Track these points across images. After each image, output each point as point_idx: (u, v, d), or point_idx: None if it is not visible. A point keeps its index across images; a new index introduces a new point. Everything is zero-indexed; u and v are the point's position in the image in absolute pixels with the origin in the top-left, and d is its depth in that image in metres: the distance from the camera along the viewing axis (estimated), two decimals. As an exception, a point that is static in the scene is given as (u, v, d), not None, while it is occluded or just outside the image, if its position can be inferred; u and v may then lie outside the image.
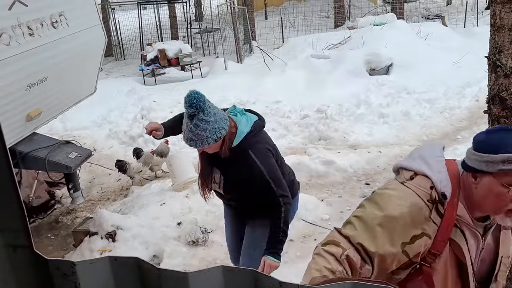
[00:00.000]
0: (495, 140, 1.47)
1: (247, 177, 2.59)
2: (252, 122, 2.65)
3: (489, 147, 1.47)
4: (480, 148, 1.49)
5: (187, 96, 2.41)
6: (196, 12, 19.16)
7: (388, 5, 16.59)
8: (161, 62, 11.27)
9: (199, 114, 2.38)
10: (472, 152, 1.51)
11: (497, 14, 2.52)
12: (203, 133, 2.40)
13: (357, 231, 1.54)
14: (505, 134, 1.48)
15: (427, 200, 1.52)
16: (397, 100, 7.91)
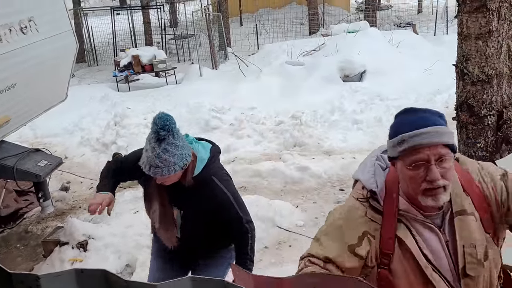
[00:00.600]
0: (394, 124, 1.50)
1: (214, 207, 2.37)
2: (209, 148, 2.48)
3: (391, 131, 1.50)
4: (389, 134, 1.53)
5: (159, 118, 2.18)
6: (171, 18, 19.06)
7: (361, 13, 16.87)
8: (135, 68, 11.15)
9: (169, 138, 2.16)
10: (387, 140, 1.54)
11: (464, 23, 2.59)
12: (171, 159, 2.16)
13: (310, 248, 1.60)
14: (404, 116, 1.49)
15: (360, 200, 1.55)
16: (371, 106, 8.03)
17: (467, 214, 1.48)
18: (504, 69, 2.62)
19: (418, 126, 1.40)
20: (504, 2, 2.48)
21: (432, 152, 1.39)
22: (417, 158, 1.41)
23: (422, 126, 1.40)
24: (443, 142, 1.40)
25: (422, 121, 1.41)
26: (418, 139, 1.40)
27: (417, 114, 1.45)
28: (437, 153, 1.39)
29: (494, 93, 2.62)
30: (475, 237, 1.48)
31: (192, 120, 8.02)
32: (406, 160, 1.43)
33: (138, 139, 7.28)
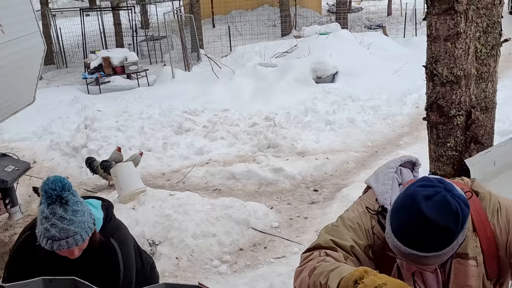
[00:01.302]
0: (397, 217, 1.32)
1: (103, 273, 2.02)
2: (99, 205, 2.12)
3: (393, 220, 1.34)
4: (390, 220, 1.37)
5: (51, 182, 1.82)
6: (142, 19, 18.83)
7: (333, 15, 17.06)
8: (106, 70, 10.97)
9: (67, 204, 1.83)
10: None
11: (433, 25, 2.63)
12: (73, 228, 1.83)
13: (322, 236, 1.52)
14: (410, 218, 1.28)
15: (369, 211, 1.51)
16: (343, 107, 8.11)
17: (468, 259, 1.42)
18: (472, 70, 2.68)
19: (408, 242, 1.27)
20: (471, 4, 2.53)
21: (427, 267, 1.35)
22: (412, 266, 1.37)
23: (422, 247, 1.26)
24: (420, 265, 1.34)
25: (416, 240, 1.26)
26: (400, 253, 1.32)
27: (420, 225, 1.25)
28: (432, 266, 1.35)
29: (462, 93, 2.68)
30: (470, 284, 1.44)
31: (164, 123, 7.93)
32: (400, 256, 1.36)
33: (110, 141, 7.16)
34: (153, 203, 4.97)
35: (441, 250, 1.26)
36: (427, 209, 1.23)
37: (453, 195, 1.26)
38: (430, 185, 1.28)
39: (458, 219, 1.24)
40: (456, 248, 1.31)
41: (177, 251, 4.36)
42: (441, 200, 1.24)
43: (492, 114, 3.02)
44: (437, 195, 1.25)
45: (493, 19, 2.86)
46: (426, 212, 1.23)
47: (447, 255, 1.29)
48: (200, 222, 4.66)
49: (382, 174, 1.58)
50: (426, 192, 1.26)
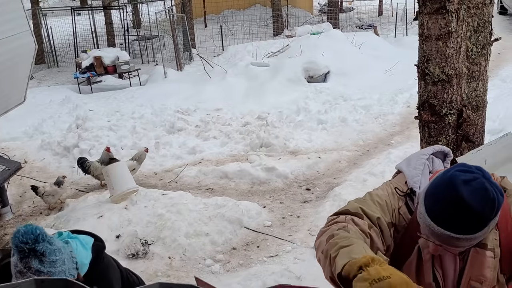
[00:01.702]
0: (435, 200, 1.36)
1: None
2: (90, 244, 1.96)
3: (429, 200, 1.38)
4: (426, 199, 1.42)
5: (22, 234, 1.62)
6: (134, 19, 18.74)
7: (324, 15, 17.09)
8: (97, 70, 10.89)
9: (42, 255, 1.63)
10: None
11: (425, 25, 2.65)
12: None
13: (351, 203, 1.56)
14: (449, 205, 1.31)
15: (398, 192, 1.55)
16: (335, 106, 8.14)
17: (486, 249, 1.44)
18: (463, 69, 2.71)
19: (445, 225, 1.31)
20: (462, 3, 2.56)
21: (456, 248, 1.39)
22: (441, 247, 1.40)
23: (449, 227, 1.31)
24: (469, 246, 1.38)
25: (455, 223, 1.30)
26: (434, 234, 1.35)
27: (460, 212, 1.28)
28: (461, 248, 1.39)
29: (454, 92, 2.70)
30: (484, 274, 1.46)
31: (157, 122, 7.91)
32: (423, 230, 1.41)
33: (102, 141, 7.12)
34: (146, 203, 4.95)
35: (474, 234, 1.30)
36: (466, 193, 1.26)
37: (491, 183, 1.30)
38: (469, 171, 1.32)
39: (494, 206, 1.28)
40: (485, 234, 1.35)
41: (170, 251, 4.36)
42: (480, 186, 1.28)
43: (483, 113, 3.05)
44: (476, 181, 1.28)
45: (483, 19, 2.89)
46: (465, 196, 1.26)
47: (478, 239, 1.34)
48: (192, 222, 4.66)
49: (414, 159, 1.62)
50: (465, 177, 1.30)
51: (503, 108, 6.89)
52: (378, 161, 5.90)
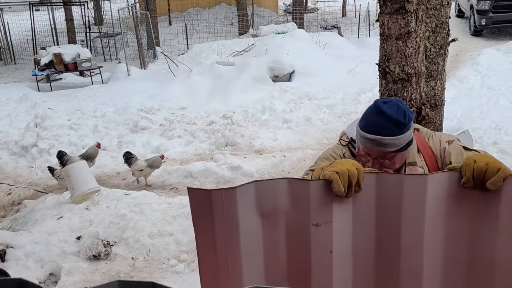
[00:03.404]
0: (365, 115, 1.80)
1: None
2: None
3: (362, 118, 1.81)
4: (360, 118, 1.85)
5: None
6: (96, 15, 18.31)
7: (289, 15, 17.23)
8: (57, 67, 10.58)
9: None
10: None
11: (385, 24, 2.71)
12: None
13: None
14: (372, 113, 1.75)
15: (342, 142, 1.94)
16: (299, 106, 8.21)
17: (417, 166, 1.80)
18: (422, 68, 2.78)
19: (372, 130, 1.71)
20: (421, 4, 2.62)
21: (373, 152, 1.73)
22: (363, 150, 1.76)
23: (373, 131, 1.71)
24: (381, 149, 1.72)
25: (376, 126, 1.71)
26: (366, 141, 1.73)
27: (378, 118, 1.71)
28: (377, 153, 1.73)
29: (413, 91, 2.77)
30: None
31: (120, 121, 7.76)
32: (360, 146, 1.78)
33: (62, 140, 6.92)
34: (108, 203, 4.84)
35: (396, 136, 1.68)
36: (385, 107, 1.71)
37: (404, 104, 1.76)
38: (388, 100, 1.77)
39: (406, 115, 1.70)
40: (406, 140, 1.72)
41: (133, 251, 4.28)
42: (394, 103, 1.74)
43: (441, 111, 3.15)
44: (392, 101, 1.76)
45: (441, 20, 2.98)
46: (383, 108, 1.71)
47: (400, 142, 1.70)
48: (156, 221, 4.59)
49: (352, 124, 1.97)
50: (384, 100, 1.78)
51: (461, 108, 7.14)
52: (342, 159, 5.99)
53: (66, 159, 5.82)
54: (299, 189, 1.44)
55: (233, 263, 1.45)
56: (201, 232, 1.46)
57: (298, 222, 1.45)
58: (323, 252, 1.46)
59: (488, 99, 7.32)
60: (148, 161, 5.79)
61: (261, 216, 1.45)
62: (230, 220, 1.42)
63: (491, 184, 1.37)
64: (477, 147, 5.63)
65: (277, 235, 1.46)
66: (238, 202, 1.42)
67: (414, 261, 1.44)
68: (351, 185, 1.43)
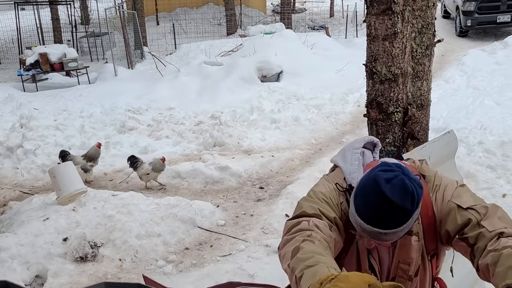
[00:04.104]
0: (360, 195, 1.46)
1: None
2: None
3: (356, 198, 1.47)
4: (354, 197, 1.51)
5: None
6: (82, 15, 18.14)
7: (277, 15, 17.24)
8: (43, 67, 10.46)
9: None
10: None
11: (372, 25, 2.73)
12: None
13: (306, 205, 1.59)
14: (371, 196, 1.42)
15: (339, 187, 1.63)
16: (288, 106, 8.23)
17: (411, 235, 1.57)
18: (408, 68, 2.80)
19: (371, 220, 1.41)
20: (407, 5, 2.65)
21: (385, 242, 1.49)
22: (372, 242, 1.51)
23: (374, 223, 1.40)
24: (397, 238, 1.47)
25: (378, 218, 1.40)
26: (362, 230, 1.45)
27: (381, 205, 1.38)
28: (390, 241, 1.48)
29: (400, 91, 2.79)
30: (411, 256, 1.60)
31: (107, 121, 7.70)
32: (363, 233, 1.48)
33: (48, 141, 6.85)
34: (95, 204, 4.80)
35: (398, 227, 1.40)
36: (388, 191, 1.37)
37: (410, 178, 1.41)
38: (390, 170, 1.43)
39: (414, 200, 1.39)
40: (411, 225, 1.45)
41: (121, 253, 4.25)
42: (399, 183, 1.38)
43: (427, 111, 3.18)
44: (396, 179, 1.39)
45: (427, 20, 3.01)
46: (387, 193, 1.37)
47: (403, 231, 1.44)
48: (144, 222, 4.57)
49: (349, 154, 1.71)
50: (386, 175, 1.40)
51: (446, 108, 7.22)
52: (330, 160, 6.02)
53: (69, 159, 5.81)
54: None
55: None
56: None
57: None
58: None
59: (473, 99, 7.41)
60: (151, 164, 5.68)
61: None
62: None
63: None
64: (462, 146, 5.70)
65: None
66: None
67: None
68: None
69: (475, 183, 5.08)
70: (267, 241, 4.40)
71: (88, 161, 5.86)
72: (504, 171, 5.25)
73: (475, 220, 1.49)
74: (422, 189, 1.43)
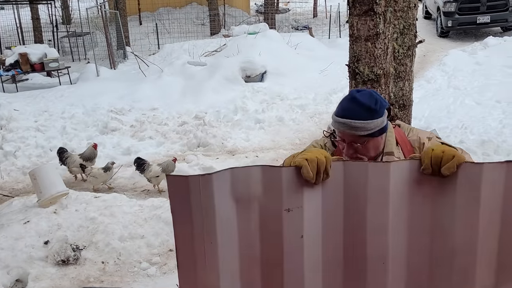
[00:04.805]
0: (340, 102, 1.83)
1: None
2: None
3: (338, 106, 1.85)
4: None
5: None
6: (63, 14, 17.91)
7: (261, 15, 17.26)
8: (23, 67, 10.29)
9: None
10: None
11: (355, 26, 2.74)
12: None
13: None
14: (345, 100, 1.80)
15: (325, 134, 1.96)
16: (272, 106, 8.23)
17: (394, 155, 1.83)
18: (390, 69, 2.82)
19: (343, 114, 1.75)
20: (389, 6, 2.67)
21: (347, 136, 1.76)
22: (339, 136, 1.81)
23: (344, 115, 1.74)
24: (353, 133, 1.74)
25: (347, 111, 1.74)
26: (338, 125, 1.78)
27: (350, 103, 1.75)
28: (350, 137, 1.76)
29: (382, 91, 2.81)
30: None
31: (89, 122, 7.61)
32: (336, 131, 1.83)
33: (28, 142, 6.74)
34: (77, 206, 4.73)
35: (366, 120, 1.71)
36: (358, 95, 1.76)
37: (378, 94, 1.80)
38: (362, 89, 1.83)
39: (377, 102, 1.74)
40: (378, 127, 1.74)
41: (103, 255, 4.20)
42: (367, 92, 1.80)
43: (409, 111, 3.21)
44: (366, 91, 1.80)
45: (409, 21, 3.04)
46: (356, 96, 1.76)
47: (371, 126, 1.72)
48: (127, 224, 4.51)
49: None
50: (359, 89, 1.83)
51: (428, 107, 7.31)
52: (314, 159, 6.03)
53: (66, 156, 5.77)
54: (272, 175, 1.50)
55: (209, 249, 1.52)
56: (179, 218, 1.52)
57: (271, 208, 1.51)
58: (295, 237, 1.52)
59: (454, 99, 7.51)
60: (161, 166, 5.58)
61: (236, 202, 1.51)
62: (206, 206, 1.49)
63: (445, 169, 1.43)
64: (444, 145, 5.77)
65: (251, 221, 1.52)
66: (214, 188, 1.47)
67: (380, 245, 1.52)
68: (319, 172, 1.48)
69: (457, 182, 5.15)
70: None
71: (85, 161, 5.81)
72: (485, 169, 5.33)
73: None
74: (388, 104, 1.80)
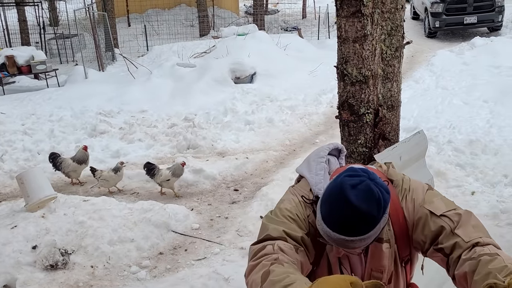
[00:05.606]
0: (326, 204, 1.42)
1: None
2: None
3: (322, 207, 1.43)
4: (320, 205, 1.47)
5: None
6: (51, 16, 17.74)
7: (250, 17, 17.26)
8: (10, 70, 10.17)
9: None
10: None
11: (342, 27, 2.74)
12: None
13: (271, 226, 1.53)
14: (337, 203, 1.38)
15: (305, 200, 1.57)
16: (262, 107, 8.23)
17: (382, 242, 1.54)
18: (378, 70, 2.83)
19: (336, 227, 1.37)
20: (376, 8, 2.67)
21: (353, 250, 1.46)
22: (341, 250, 1.47)
23: (349, 231, 1.36)
24: (365, 245, 1.44)
25: (343, 227, 1.36)
26: (330, 240, 1.42)
27: (346, 212, 1.35)
28: (358, 249, 1.45)
29: (370, 92, 2.82)
30: (383, 264, 1.57)
31: (77, 125, 7.55)
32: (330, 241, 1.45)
33: (15, 146, 6.67)
34: (65, 210, 4.69)
35: (365, 234, 1.37)
36: (353, 197, 1.33)
37: (376, 184, 1.37)
38: (355, 175, 1.38)
39: (380, 206, 1.36)
40: (378, 232, 1.41)
41: (92, 259, 4.16)
42: (365, 188, 1.35)
43: (398, 112, 3.22)
44: (362, 184, 1.35)
45: (396, 23, 3.05)
46: (352, 199, 1.33)
47: (371, 238, 1.40)
48: (117, 228, 4.48)
49: (314, 164, 1.64)
50: (352, 181, 1.36)
51: (417, 108, 7.36)
52: (304, 160, 6.04)
53: (60, 160, 5.69)
54: None
55: None
56: None
57: None
58: None
59: (442, 99, 7.57)
60: (170, 169, 5.50)
61: None
62: None
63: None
64: (432, 145, 5.81)
65: None
66: None
67: None
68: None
69: (445, 181, 5.19)
70: (242, 243, 4.38)
71: (78, 163, 5.76)
72: (473, 169, 5.38)
73: (449, 228, 1.46)
74: (389, 194, 1.40)
